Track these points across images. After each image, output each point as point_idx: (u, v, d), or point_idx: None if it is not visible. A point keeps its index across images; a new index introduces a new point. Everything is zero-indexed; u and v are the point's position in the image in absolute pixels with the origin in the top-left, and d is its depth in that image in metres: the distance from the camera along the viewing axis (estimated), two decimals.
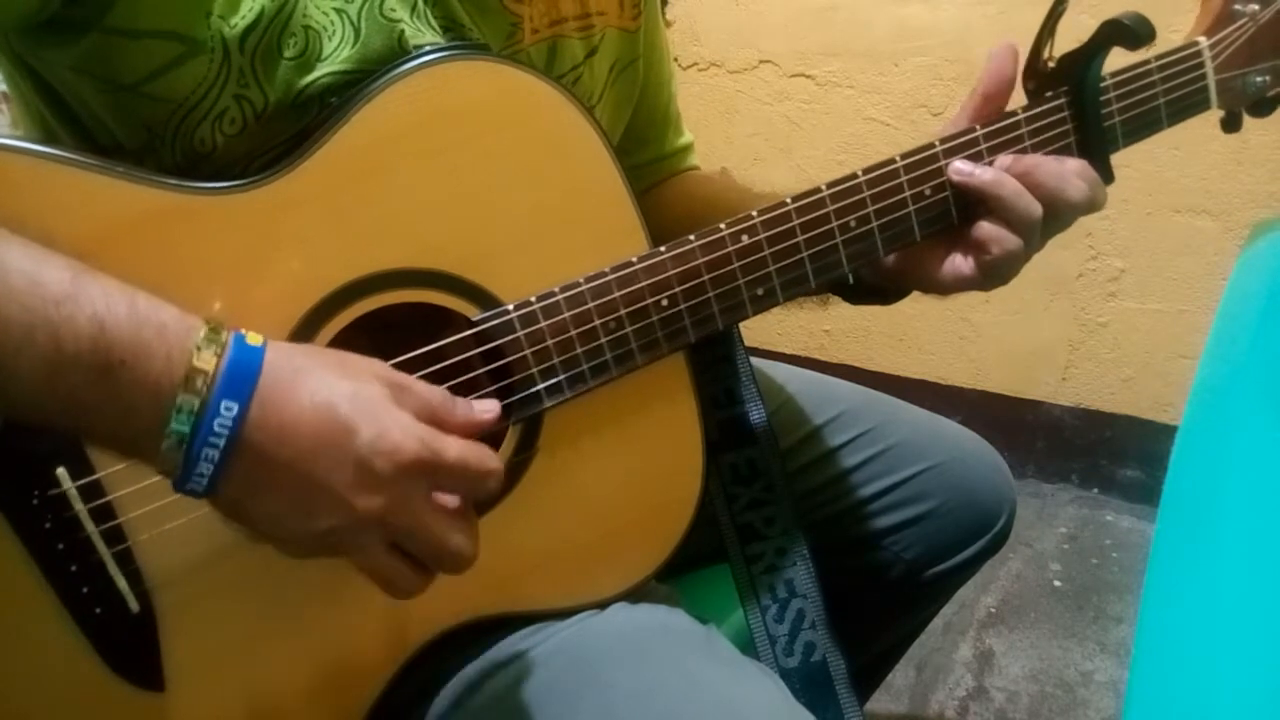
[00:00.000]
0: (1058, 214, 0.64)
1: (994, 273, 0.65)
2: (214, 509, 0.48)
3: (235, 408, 0.45)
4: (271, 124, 0.57)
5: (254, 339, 0.47)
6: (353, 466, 0.47)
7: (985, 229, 0.64)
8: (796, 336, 2.12)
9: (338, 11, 0.57)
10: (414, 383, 0.51)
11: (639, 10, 0.76)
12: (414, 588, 0.51)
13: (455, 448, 0.49)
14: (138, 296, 0.45)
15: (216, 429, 0.44)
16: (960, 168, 0.64)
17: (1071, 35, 0.65)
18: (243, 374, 0.45)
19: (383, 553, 0.49)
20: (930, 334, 1.97)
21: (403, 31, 0.58)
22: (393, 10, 0.58)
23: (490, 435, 0.60)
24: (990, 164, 0.64)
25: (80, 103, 0.57)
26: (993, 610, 1.60)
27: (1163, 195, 1.66)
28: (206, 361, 0.45)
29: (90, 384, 0.43)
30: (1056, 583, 1.66)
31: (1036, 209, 0.63)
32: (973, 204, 0.64)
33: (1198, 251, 1.67)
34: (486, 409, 0.53)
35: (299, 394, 0.47)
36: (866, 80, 1.86)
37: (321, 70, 0.56)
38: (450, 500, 0.51)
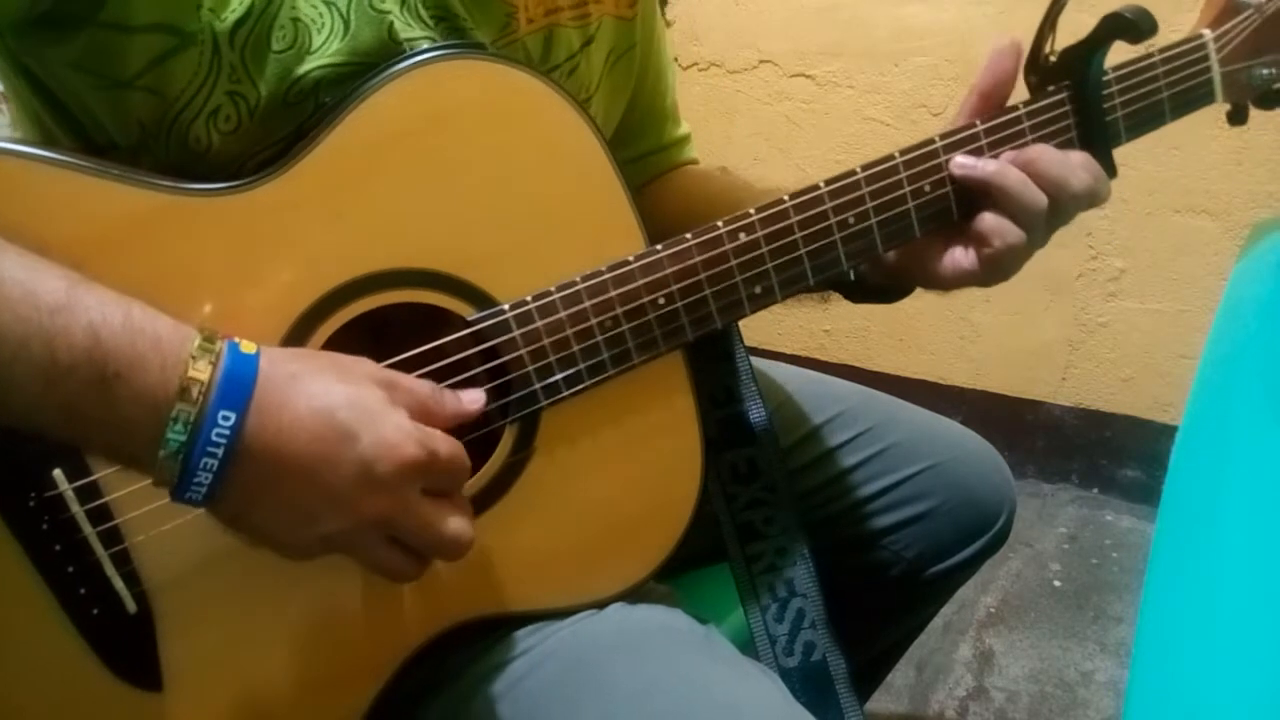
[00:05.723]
0: (1061, 205, 0.64)
1: (996, 266, 0.65)
2: (213, 518, 0.49)
3: (233, 417, 0.45)
4: (266, 122, 0.57)
5: (248, 347, 0.47)
6: (353, 471, 0.48)
7: (988, 221, 0.63)
8: (796, 336, 2.12)
9: (326, 4, 0.56)
10: (403, 379, 0.52)
11: None
12: (415, 575, 0.53)
13: (445, 445, 0.51)
14: (133, 306, 0.45)
15: (214, 438, 0.45)
16: (963, 161, 0.64)
17: (1071, 35, 0.64)
18: (238, 383, 0.46)
19: (383, 548, 0.51)
20: (930, 334, 1.97)
21: (392, 23, 0.58)
22: (382, 1, 0.58)
23: (487, 434, 0.60)
24: (995, 157, 0.64)
25: (76, 101, 0.57)
26: (993, 610, 1.59)
27: (1163, 195, 1.66)
28: (201, 372, 0.45)
29: (86, 394, 0.43)
30: (1056, 583, 1.66)
31: (1042, 199, 0.63)
32: (975, 198, 0.64)
33: (1198, 251, 1.67)
34: (473, 399, 0.55)
35: (295, 400, 0.47)
36: (866, 80, 1.85)
37: (311, 63, 0.56)
38: (440, 493, 0.52)
